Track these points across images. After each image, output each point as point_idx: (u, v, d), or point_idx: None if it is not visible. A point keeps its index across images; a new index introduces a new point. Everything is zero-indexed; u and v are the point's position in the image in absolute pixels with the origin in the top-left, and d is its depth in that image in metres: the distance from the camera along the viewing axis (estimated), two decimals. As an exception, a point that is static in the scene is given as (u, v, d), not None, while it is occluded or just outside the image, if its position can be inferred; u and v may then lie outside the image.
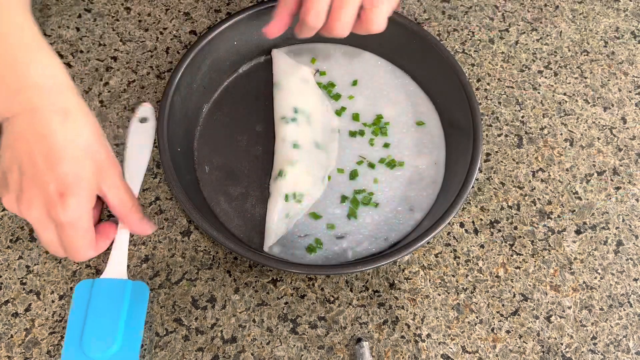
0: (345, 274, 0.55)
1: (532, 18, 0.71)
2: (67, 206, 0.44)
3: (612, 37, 0.70)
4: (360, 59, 0.64)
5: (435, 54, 0.59)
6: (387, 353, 0.52)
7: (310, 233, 0.55)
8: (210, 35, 0.58)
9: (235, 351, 0.51)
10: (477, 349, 0.52)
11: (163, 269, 0.54)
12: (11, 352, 0.50)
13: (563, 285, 0.56)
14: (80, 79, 0.63)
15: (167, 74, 0.64)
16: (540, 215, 0.59)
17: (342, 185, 0.57)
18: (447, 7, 0.71)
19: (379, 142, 0.60)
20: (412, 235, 0.54)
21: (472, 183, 0.53)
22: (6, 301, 0.52)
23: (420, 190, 0.57)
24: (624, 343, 0.53)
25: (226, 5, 0.69)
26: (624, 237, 0.58)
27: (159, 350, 0.51)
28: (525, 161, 0.62)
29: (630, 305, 0.55)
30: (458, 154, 0.57)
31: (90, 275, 0.53)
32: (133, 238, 0.55)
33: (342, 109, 0.61)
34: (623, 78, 0.67)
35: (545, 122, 0.64)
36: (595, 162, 0.62)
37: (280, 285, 0.54)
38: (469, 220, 0.58)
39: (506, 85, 0.66)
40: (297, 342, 0.52)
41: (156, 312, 0.52)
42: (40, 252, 0.54)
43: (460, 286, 0.55)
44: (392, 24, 0.60)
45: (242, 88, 0.62)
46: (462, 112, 0.57)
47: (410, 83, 0.63)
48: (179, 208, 0.57)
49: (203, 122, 0.60)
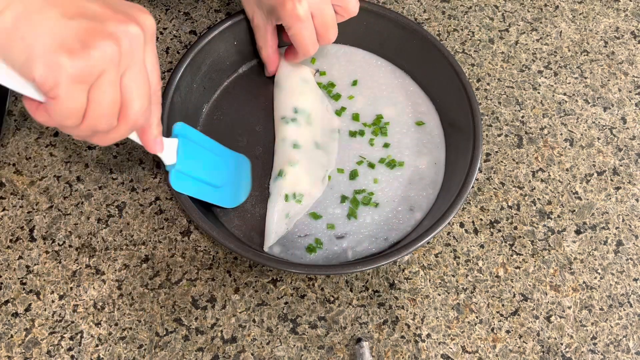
0: (345, 274, 0.55)
1: (532, 18, 0.71)
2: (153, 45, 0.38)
3: (612, 37, 0.70)
4: (360, 59, 0.64)
5: (436, 54, 0.59)
6: (387, 353, 0.52)
7: (310, 233, 0.55)
8: (210, 35, 0.58)
9: (235, 351, 0.51)
10: (477, 349, 0.52)
11: (163, 269, 0.54)
12: (11, 352, 0.50)
13: (563, 285, 0.56)
14: (80, 79, 0.63)
15: (167, 74, 0.64)
16: (540, 215, 0.59)
17: (342, 185, 0.57)
18: (447, 7, 0.71)
19: (379, 142, 0.60)
20: (412, 235, 0.54)
21: (472, 183, 0.52)
22: (6, 301, 0.52)
23: (420, 190, 0.57)
24: (624, 343, 0.53)
25: (226, 5, 0.69)
26: (624, 237, 0.58)
27: (159, 350, 0.51)
28: (525, 161, 0.62)
29: (630, 305, 0.55)
30: (458, 154, 0.57)
31: (90, 275, 0.53)
32: (133, 238, 0.55)
33: (342, 109, 0.61)
34: (623, 78, 0.67)
35: (545, 122, 0.64)
36: (595, 162, 0.62)
37: (280, 285, 0.54)
38: (469, 220, 0.58)
39: (506, 85, 0.66)
40: (297, 342, 0.52)
41: (156, 312, 0.52)
42: (40, 252, 0.54)
43: (460, 286, 0.55)
44: (392, 24, 0.60)
45: (242, 88, 0.62)
46: (462, 112, 0.57)
47: (410, 83, 0.63)
48: (179, 208, 0.57)
49: (203, 122, 0.60)
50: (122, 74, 0.36)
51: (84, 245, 0.55)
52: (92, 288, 0.53)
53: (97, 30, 0.34)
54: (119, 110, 0.37)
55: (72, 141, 0.59)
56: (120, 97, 0.37)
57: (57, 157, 0.59)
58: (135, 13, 0.37)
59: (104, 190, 0.57)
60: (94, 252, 0.55)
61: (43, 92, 0.35)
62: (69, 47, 0.33)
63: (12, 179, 0.57)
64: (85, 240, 0.55)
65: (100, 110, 0.36)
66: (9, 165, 0.58)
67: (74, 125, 0.37)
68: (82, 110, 0.36)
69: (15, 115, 0.60)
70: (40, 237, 0.55)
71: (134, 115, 0.38)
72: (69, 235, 0.55)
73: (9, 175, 0.57)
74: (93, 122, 0.37)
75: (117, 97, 0.36)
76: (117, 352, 0.51)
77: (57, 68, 0.33)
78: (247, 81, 0.63)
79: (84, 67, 0.33)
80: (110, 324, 0.52)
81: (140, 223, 0.56)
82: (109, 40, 0.34)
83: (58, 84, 0.34)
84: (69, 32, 0.34)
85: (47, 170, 0.58)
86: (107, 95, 0.36)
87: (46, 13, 0.34)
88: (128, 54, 0.36)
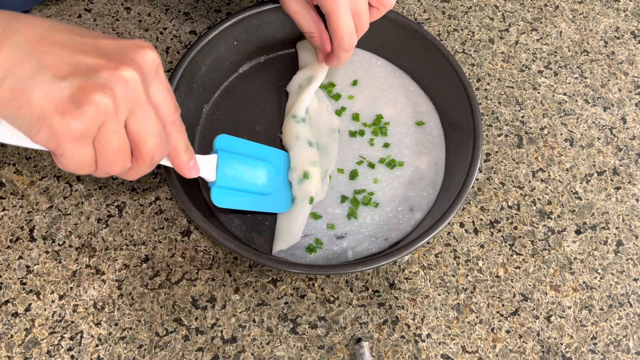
0: (345, 273, 0.55)
1: (532, 18, 0.71)
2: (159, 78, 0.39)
3: (612, 37, 0.70)
4: (360, 59, 0.64)
5: (436, 54, 0.59)
6: (387, 353, 0.52)
7: (310, 233, 0.55)
8: (210, 35, 0.58)
9: (235, 351, 0.51)
10: (477, 349, 0.52)
11: (163, 269, 0.54)
12: (11, 352, 0.50)
13: (563, 285, 0.56)
14: (80, 79, 0.63)
15: (167, 74, 0.64)
16: (540, 215, 0.59)
17: (342, 185, 0.57)
18: (447, 7, 0.71)
19: (379, 142, 0.60)
20: (412, 235, 0.54)
21: (472, 183, 0.52)
22: (6, 301, 0.52)
23: (420, 190, 0.57)
24: (624, 343, 0.53)
25: (226, 5, 0.69)
26: (624, 237, 0.58)
27: (159, 350, 0.51)
28: (525, 161, 0.62)
29: (630, 305, 0.55)
30: (458, 154, 0.57)
31: (90, 275, 0.53)
32: (133, 238, 0.55)
33: (342, 109, 0.61)
34: (623, 78, 0.67)
35: (545, 122, 0.64)
36: (595, 162, 0.62)
37: (280, 285, 0.54)
38: (469, 220, 0.58)
39: (506, 85, 0.66)
40: (297, 342, 0.52)
41: (156, 312, 0.52)
42: (40, 252, 0.54)
43: (460, 286, 0.55)
44: (393, 24, 0.60)
45: (242, 88, 0.62)
46: (463, 112, 0.57)
47: (411, 83, 0.63)
48: (179, 208, 0.57)
49: (203, 122, 0.60)
50: (127, 119, 0.37)
51: (84, 245, 0.55)
52: (92, 288, 0.53)
53: (88, 86, 0.35)
54: (129, 152, 0.38)
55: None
56: (131, 139, 0.38)
57: (57, 157, 0.59)
58: (131, 53, 0.37)
59: (104, 190, 0.57)
60: (94, 252, 0.55)
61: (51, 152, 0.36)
62: (63, 110, 0.34)
63: (12, 179, 0.57)
64: (85, 240, 0.55)
65: (109, 158, 0.37)
66: (9, 165, 0.58)
67: (89, 172, 0.38)
68: (92, 160, 0.37)
69: (15, 115, 0.60)
70: (40, 237, 0.55)
71: (149, 153, 0.39)
72: (69, 235, 0.55)
73: (9, 175, 0.57)
74: (106, 168, 0.38)
75: (122, 143, 0.37)
76: (117, 352, 0.51)
77: (55, 131, 0.34)
78: (247, 81, 0.63)
79: (80, 125, 0.34)
80: (110, 324, 0.52)
81: (140, 223, 0.56)
82: (100, 94, 0.35)
83: (60, 144, 0.35)
84: (62, 93, 0.34)
85: (47, 170, 0.58)
86: (112, 144, 0.37)
87: (39, 78, 0.34)
88: (125, 100, 0.36)
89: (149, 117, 0.38)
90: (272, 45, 0.63)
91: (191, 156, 0.44)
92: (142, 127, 0.37)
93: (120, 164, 0.38)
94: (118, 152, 0.37)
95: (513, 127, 0.63)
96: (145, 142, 0.38)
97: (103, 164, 0.38)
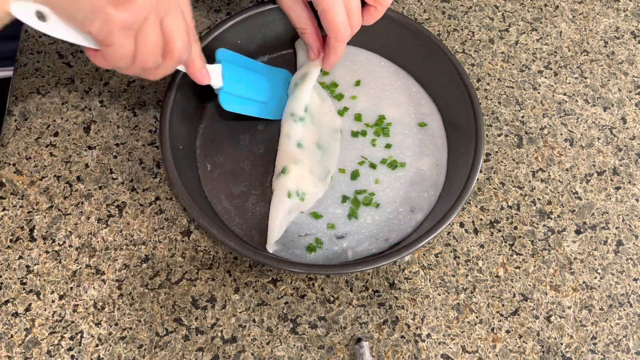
0: (345, 273, 0.55)
1: (532, 18, 0.71)
2: None
3: (612, 37, 0.70)
4: (363, 59, 0.64)
5: (438, 55, 0.59)
6: (387, 353, 0.52)
7: (310, 232, 0.55)
8: (211, 36, 0.58)
9: (235, 351, 0.51)
10: (477, 348, 0.52)
11: (163, 269, 0.54)
12: (11, 352, 0.50)
13: (563, 285, 0.56)
14: (80, 79, 0.63)
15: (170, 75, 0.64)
16: (540, 215, 0.59)
17: (344, 185, 0.57)
18: (447, 7, 0.71)
19: (381, 143, 0.60)
20: (413, 236, 0.54)
21: (474, 185, 0.52)
22: (6, 301, 0.52)
23: (421, 191, 0.57)
24: (624, 343, 0.54)
25: (226, 5, 0.69)
26: (624, 237, 0.58)
27: (159, 350, 0.51)
28: (525, 161, 0.62)
29: (630, 305, 0.55)
30: (460, 155, 0.57)
31: (90, 275, 0.53)
32: (133, 238, 0.55)
33: (344, 109, 0.61)
34: (623, 78, 0.67)
35: (545, 122, 0.64)
36: (595, 162, 0.62)
37: (280, 285, 0.54)
38: (469, 220, 0.58)
39: (506, 85, 0.66)
40: (297, 342, 0.52)
41: (156, 312, 0.52)
42: (40, 252, 0.54)
43: (460, 286, 0.55)
44: (395, 24, 0.60)
45: (243, 88, 0.62)
46: (465, 113, 0.57)
47: (413, 84, 0.63)
48: (179, 208, 0.57)
49: (206, 120, 0.60)
50: (162, 18, 0.42)
51: (84, 245, 0.55)
52: (92, 288, 0.53)
53: None
54: (162, 49, 0.43)
55: (72, 141, 0.59)
56: (163, 37, 0.43)
57: (57, 157, 0.59)
58: None
59: (104, 190, 0.57)
60: (94, 252, 0.54)
61: (99, 42, 0.41)
62: (116, 1, 0.38)
63: (12, 179, 0.57)
64: (85, 240, 0.55)
65: (147, 51, 0.42)
66: (9, 165, 0.58)
67: (126, 66, 0.43)
68: (132, 52, 0.42)
69: (15, 115, 0.60)
70: (40, 237, 0.55)
71: (177, 51, 0.44)
72: (69, 235, 0.55)
73: (9, 175, 0.57)
74: (142, 62, 0.43)
75: (159, 39, 0.43)
76: (117, 352, 0.51)
77: (109, 20, 0.39)
78: (248, 81, 0.63)
79: (130, 16, 0.39)
80: (110, 324, 0.52)
81: (140, 223, 0.56)
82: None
83: (110, 33, 0.39)
84: None
85: (47, 170, 0.58)
86: (152, 38, 0.42)
87: None
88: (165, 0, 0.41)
89: (180, 19, 0.43)
90: (275, 45, 0.63)
91: (204, 63, 0.51)
92: (175, 28, 0.43)
93: (155, 59, 0.43)
94: (155, 46, 0.42)
95: (513, 127, 0.63)
96: (175, 42, 0.43)
97: (141, 57, 0.42)
